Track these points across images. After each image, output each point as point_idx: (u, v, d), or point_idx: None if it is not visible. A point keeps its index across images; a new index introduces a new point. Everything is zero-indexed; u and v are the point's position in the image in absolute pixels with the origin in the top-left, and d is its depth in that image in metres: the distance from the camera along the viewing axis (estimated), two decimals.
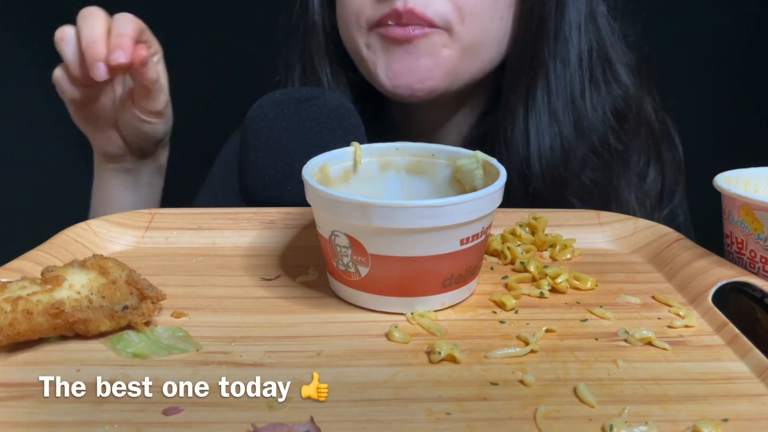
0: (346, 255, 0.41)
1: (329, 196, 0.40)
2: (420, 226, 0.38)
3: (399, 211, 0.38)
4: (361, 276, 0.41)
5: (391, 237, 0.39)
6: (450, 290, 0.42)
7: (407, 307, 0.41)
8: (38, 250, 0.46)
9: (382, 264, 0.40)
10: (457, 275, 0.41)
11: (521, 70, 0.63)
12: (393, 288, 0.41)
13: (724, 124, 1.19)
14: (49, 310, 0.36)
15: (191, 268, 0.48)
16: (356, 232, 0.40)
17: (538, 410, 0.32)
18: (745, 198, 0.44)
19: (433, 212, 0.38)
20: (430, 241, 0.39)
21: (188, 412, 0.32)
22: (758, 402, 0.33)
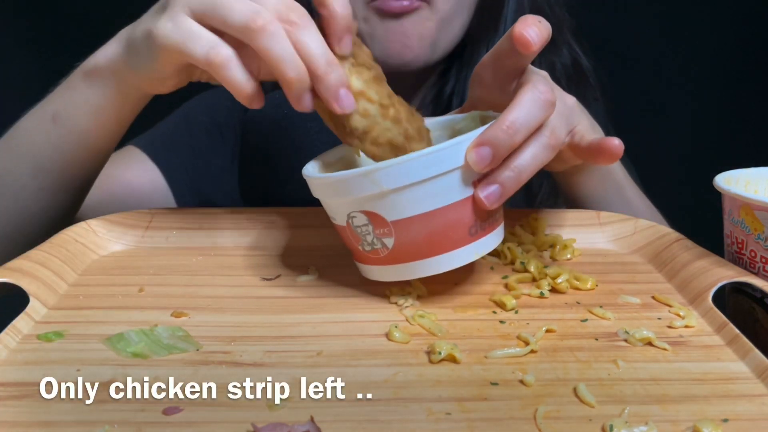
0: (369, 233, 0.41)
1: (334, 178, 0.40)
2: (429, 176, 0.38)
3: (405, 165, 0.38)
4: (389, 248, 0.41)
5: (405, 196, 0.39)
6: (479, 238, 0.41)
7: (443, 265, 0.41)
8: (38, 249, 0.46)
9: (405, 228, 0.40)
10: (481, 221, 0.41)
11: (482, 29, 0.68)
12: (423, 249, 0.40)
13: (724, 124, 1.19)
14: None
15: (191, 268, 0.48)
16: (371, 205, 0.39)
17: (538, 410, 0.32)
18: (746, 198, 0.44)
19: (437, 157, 0.38)
20: (443, 189, 0.39)
21: (188, 412, 0.32)
22: (758, 402, 0.33)
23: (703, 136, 1.18)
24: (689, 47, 1.14)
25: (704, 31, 1.14)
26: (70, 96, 0.50)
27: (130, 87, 0.47)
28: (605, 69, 0.75)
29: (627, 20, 1.14)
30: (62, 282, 0.45)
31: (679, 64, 1.16)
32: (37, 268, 0.43)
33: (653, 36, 1.14)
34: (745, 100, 1.17)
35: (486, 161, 0.39)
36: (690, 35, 1.14)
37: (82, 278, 0.46)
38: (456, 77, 0.70)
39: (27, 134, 0.52)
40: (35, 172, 0.52)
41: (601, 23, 0.99)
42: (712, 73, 1.16)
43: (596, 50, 0.75)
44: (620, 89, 0.78)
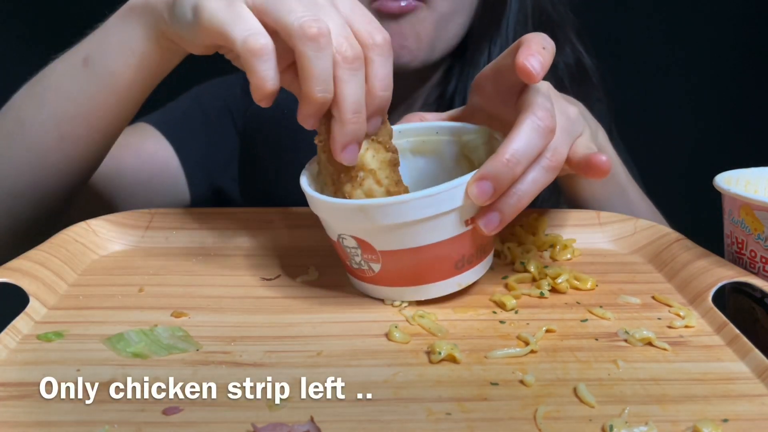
0: (357, 255, 0.41)
1: (329, 204, 0.40)
2: (422, 216, 0.38)
3: (399, 206, 0.38)
4: (375, 272, 0.41)
5: (396, 232, 0.39)
6: (464, 271, 0.42)
7: (425, 293, 0.42)
8: (38, 249, 0.46)
9: (392, 258, 0.40)
10: (468, 255, 0.41)
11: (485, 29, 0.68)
12: (408, 278, 0.41)
13: (724, 124, 1.19)
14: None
15: (191, 268, 0.48)
16: (361, 233, 0.40)
17: (538, 410, 0.32)
18: (746, 198, 0.44)
19: (432, 201, 0.38)
20: (435, 227, 0.39)
21: (188, 412, 0.32)
22: (758, 402, 0.33)
23: (703, 136, 1.18)
24: (690, 47, 1.14)
25: (705, 31, 1.14)
26: (104, 37, 0.48)
27: (168, 37, 0.46)
28: (608, 68, 0.75)
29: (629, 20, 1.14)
30: (62, 282, 0.45)
31: (679, 64, 1.16)
32: (37, 268, 0.43)
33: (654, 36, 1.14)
34: (745, 100, 1.17)
35: (487, 195, 0.39)
36: (691, 35, 1.14)
37: (82, 278, 0.46)
38: (458, 77, 0.70)
39: (54, 79, 0.50)
40: (58, 119, 0.50)
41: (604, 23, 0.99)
42: (713, 73, 1.16)
43: (599, 50, 0.75)
44: (621, 89, 0.78)
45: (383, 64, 0.40)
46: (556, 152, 0.41)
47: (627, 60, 1.11)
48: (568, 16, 0.73)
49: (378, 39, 0.39)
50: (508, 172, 0.39)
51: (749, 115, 1.17)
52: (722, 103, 1.18)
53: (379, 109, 0.41)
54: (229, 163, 0.73)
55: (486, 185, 0.39)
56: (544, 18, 0.70)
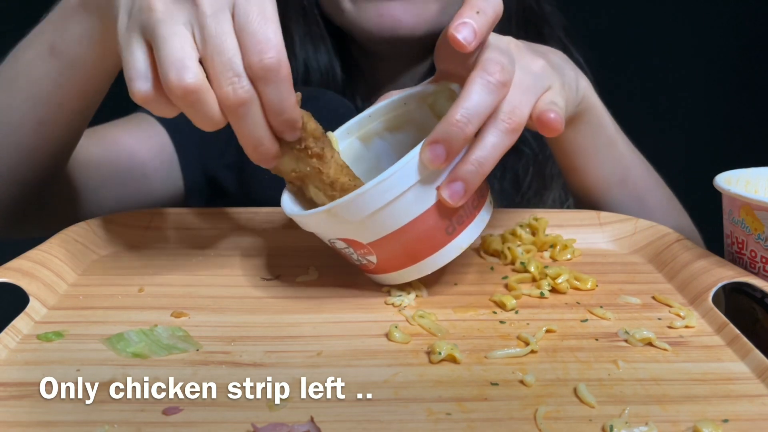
0: (352, 253, 0.42)
1: (301, 216, 0.41)
2: (388, 200, 0.38)
3: (361, 198, 0.38)
4: (375, 263, 0.42)
5: (372, 221, 0.39)
6: (458, 233, 0.41)
7: (429, 266, 0.42)
8: (38, 249, 0.46)
9: (382, 246, 0.40)
10: (456, 217, 0.41)
11: None
12: (406, 259, 0.41)
13: (724, 124, 1.19)
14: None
15: (191, 268, 0.48)
16: (344, 233, 0.40)
17: (538, 410, 0.32)
18: (746, 198, 0.44)
19: (390, 183, 0.38)
20: (407, 205, 0.39)
21: (188, 412, 0.32)
22: (758, 402, 0.33)
23: (703, 136, 1.18)
24: (690, 47, 1.14)
25: (705, 31, 1.14)
26: (66, 26, 0.47)
27: None
28: (607, 68, 0.75)
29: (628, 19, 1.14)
30: (62, 282, 0.45)
31: (679, 64, 1.16)
32: (37, 268, 0.43)
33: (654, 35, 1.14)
34: (745, 100, 1.17)
35: (441, 158, 0.38)
36: (690, 34, 1.14)
37: (82, 278, 0.46)
38: None
39: (26, 67, 0.50)
40: (35, 105, 0.50)
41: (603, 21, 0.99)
42: (713, 72, 1.17)
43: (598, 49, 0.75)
44: (620, 89, 0.78)
45: (275, 91, 0.37)
46: (514, 113, 0.40)
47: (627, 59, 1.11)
48: (553, 12, 0.73)
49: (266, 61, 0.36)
50: (459, 133, 0.38)
51: (749, 115, 1.18)
52: (722, 103, 1.18)
53: (286, 127, 0.39)
54: (224, 150, 0.73)
55: (438, 149, 0.38)
56: (528, 15, 0.71)
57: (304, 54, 0.71)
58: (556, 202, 0.71)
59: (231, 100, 0.37)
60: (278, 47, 0.36)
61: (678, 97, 1.17)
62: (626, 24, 1.12)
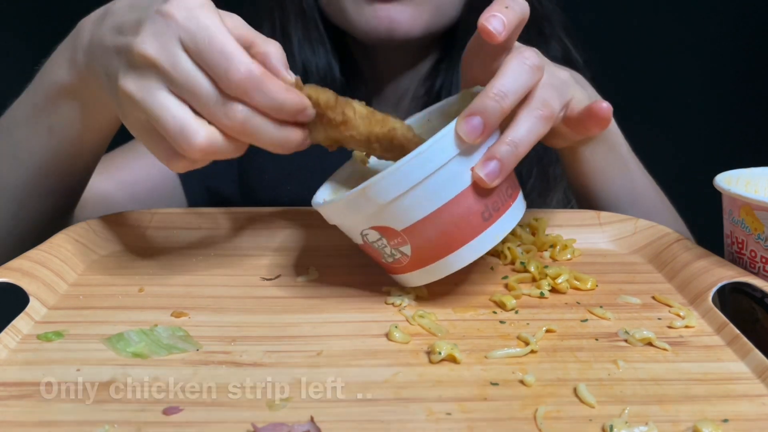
0: (385, 246, 0.40)
1: (334, 205, 0.40)
2: (422, 177, 0.37)
3: (394, 175, 0.37)
4: (409, 255, 0.40)
5: (405, 203, 0.38)
6: (494, 220, 0.40)
7: (467, 256, 0.40)
8: (38, 249, 0.46)
9: (417, 233, 0.39)
10: (492, 203, 0.40)
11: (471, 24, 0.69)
12: (442, 247, 0.40)
13: (724, 124, 1.19)
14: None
15: (191, 268, 0.48)
16: (377, 220, 0.39)
17: (538, 410, 0.32)
18: (746, 198, 0.44)
19: (425, 158, 0.37)
20: (441, 185, 0.38)
21: (188, 412, 0.32)
22: (758, 402, 0.33)
23: (703, 136, 1.18)
24: (689, 46, 1.14)
25: (704, 30, 1.14)
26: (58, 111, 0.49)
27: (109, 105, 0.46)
28: (607, 68, 0.75)
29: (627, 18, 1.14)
30: (62, 282, 0.45)
31: (679, 64, 1.16)
32: (37, 268, 0.43)
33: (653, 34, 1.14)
34: (745, 100, 1.17)
35: (478, 131, 0.38)
36: (690, 34, 1.14)
37: (82, 278, 0.46)
38: (445, 73, 0.71)
39: (26, 141, 0.52)
40: (36, 176, 0.52)
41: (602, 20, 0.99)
42: (713, 72, 1.16)
43: (596, 48, 0.75)
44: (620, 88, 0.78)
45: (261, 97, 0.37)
46: (547, 102, 0.41)
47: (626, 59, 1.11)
48: (554, 10, 0.73)
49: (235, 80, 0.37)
50: (495, 105, 0.38)
51: (749, 115, 1.17)
52: (722, 103, 1.18)
53: (295, 115, 0.39)
54: (227, 169, 0.74)
55: (475, 120, 0.38)
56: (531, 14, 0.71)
57: (303, 56, 0.71)
58: (560, 203, 0.71)
59: (233, 128, 0.38)
60: (238, 58, 0.37)
61: (678, 97, 1.17)
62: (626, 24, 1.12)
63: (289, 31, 0.71)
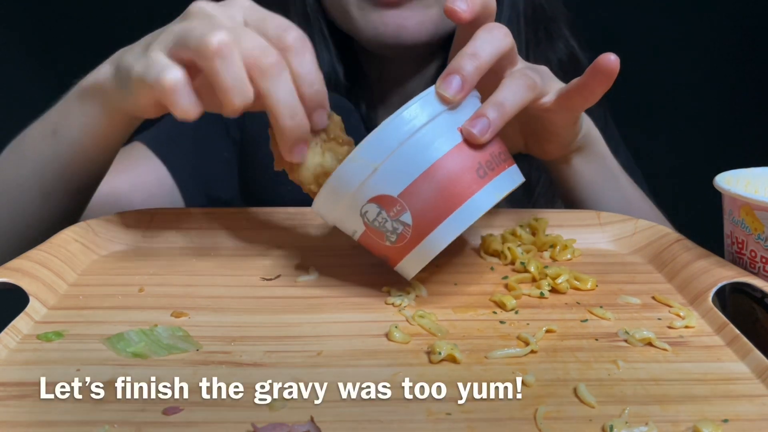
0: (386, 220, 0.40)
1: (328, 184, 0.40)
2: (411, 132, 0.38)
3: (382, 131, 0.38)
4: (410, 224, 0.40)
5: (398, 161, 0.39)
6: (490, 178, 0.40)
7: (468, 216, 0.40)
8: (38, 249, 0.46)
9: (414, 195, 0.39)
10: (485, 161, 0.40)
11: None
12: (442, 207, 0.39)
13: (724, 124, 1.19)
14: None
15: (191, 268, 0.48)
16: (373, 189, 0.39)
17: (538, 410, 0.32)
18: (746, 198, 0.44)
19: (411, 112, 0.38)
20: (431, 139, 0.39)
21: (188, 412, 0.32)
22: (758, 402, 0.33)
23: (703, 136, 1.18)
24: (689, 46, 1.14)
25: (705, 30, 1.14)
26: (67, 112, 0.51)
27: (119, 111, 0.48)
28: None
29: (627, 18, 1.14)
30: (62, 282, 0.45)
31: (679, 63, 1.16)
32: (37, 268, 0.43)
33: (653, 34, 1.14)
34: (745, 100, 1.17)
35: (456, 87, 0.39)
36: (690, 33, 1.14)
37: (82, 278, 0.46)
38: None
39: (32, 144, 0.53)
40: (41, 179, 0.53)
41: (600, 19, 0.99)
42: (713, 72, 1.16)
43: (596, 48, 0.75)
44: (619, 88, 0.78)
45: (302, 63, 0.40)
46: (528, 74, 0.43)
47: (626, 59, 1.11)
48: (561, 10, 0.73)
49: (288, 40, 0.39)
50: (470, 62, 0.40)
51: (749, 115, 1.17)
52: (722, 103, 1.18)
53: (317, 103, 0.41)
54: (226, 173, 0.74)
55: (453, 78, 0.39)
56: (537, 13, 0.71)
57: None
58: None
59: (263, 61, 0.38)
60: (297, 29, 0.40)
61: (678, 97, 1.17)
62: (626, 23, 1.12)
63: None
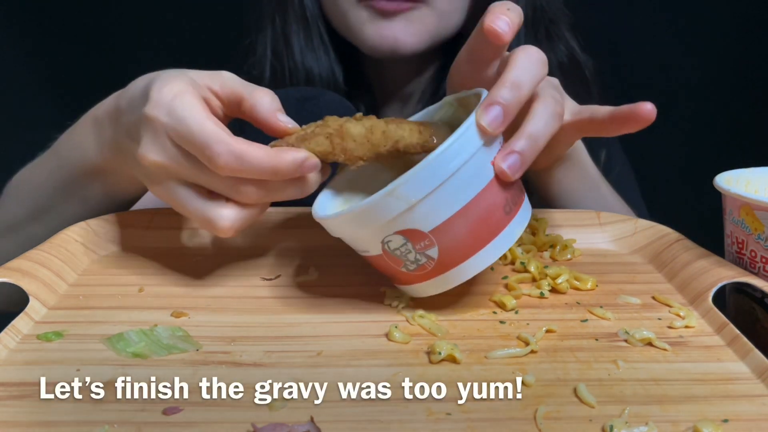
0: (409, 251, 0.39)
1: (357, 211, 0.38)
2: (452, 171, 0.37)
3: (425, 170, 0.36)
4: (435, 258, 0.39)
5: (436, 201, 0.37)
6: (514, 214, 0.40)
7: (493, 254, 0.39)
8: (38, 249, 0.46)
9: (445, 233, 0.38)
10: (512, 196, 0.40)
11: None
12: (469, 246, 0.39)
13: (724, 124, 1.19)
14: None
15: (191, 268, 0.48)
16: (403, 223, 0.38)
17: (538, 410, 0.32)
18: (746, 198, 0.44)
19: (453, 150, 0.37)
20: (469, 178, 0.37)
21: (188, 412, 0.32)
22: (758, 402, 0.33)
23: (703, 136, 1.17)
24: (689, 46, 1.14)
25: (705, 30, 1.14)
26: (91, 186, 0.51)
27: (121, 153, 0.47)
28: (605, 67, 0.75)
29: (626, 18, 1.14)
30: (62, 282, 0.45)
31: (679, 64, 1.16)
32: (37, 268, 0.43)
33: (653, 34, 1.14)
34: (745, 100, 1.17)
35: (499, 120, 0.38)
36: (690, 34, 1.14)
37: (82, 278, 0.46)
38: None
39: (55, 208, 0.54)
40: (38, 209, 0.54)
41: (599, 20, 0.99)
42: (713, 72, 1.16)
43: (596, 47, 0.75)
44: (619, 88, 0.78)
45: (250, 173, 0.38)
46: (558, 101, 0.42)
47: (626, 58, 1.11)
48: (562, 11, 0.73)
49: (221, 164, 0.37)
50: (513, 93, 0.38)
51: (749, 115, 1.17)
52: (722, 103, 1.18)
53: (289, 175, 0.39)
54: None
55: (495, 109, 0.38)
56: (538, 15, 0.71)
57: (306, 63, 0.71)
58: None
59: (251, 200, 0.40)
60: (216, 143, 0.37)
61: (678, 97, 1.17)
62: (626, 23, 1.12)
63: (290, 37, 0.71)
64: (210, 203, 0.40)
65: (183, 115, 0.38)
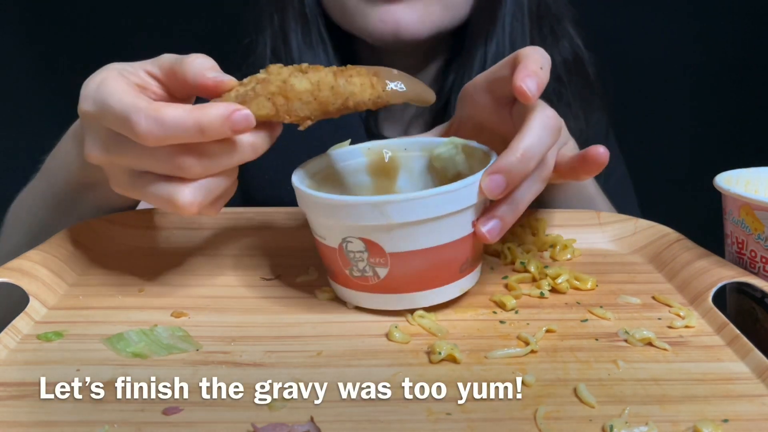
0: (362, 260, 0.39)
1: (338, 201, 0.38)
2: (441, 214, 0.38)
3: (420, 201, 0.37)
4: (380, 278, 0.40)
5: (411, 231, 0.38)
6: (466, 274, 0.42)
7: (429, 299, 0.41)
8: (38, 249, 0.46)
9: (402, 261, 0.39)
10: (471, 258, 0.41)
11: (482, 23, 0.68)
12: (414, 283, 0.40)
13: (724, 124, 1.19)
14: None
15: (191, 268, 0.48)
16: (373, 235, 0.38)
17: (538, 410, 0.32)
18: (746, 198, 0.44)
19: (454, 197, 0.38)
20: (448, 226, 0.39)
21: (188, 412, 0.32)
22: (758, 402, 0.33)
23: (703, 136, 1.18)
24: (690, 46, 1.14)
25: (705, 30, 1.14)
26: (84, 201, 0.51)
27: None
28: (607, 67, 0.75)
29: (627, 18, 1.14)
30: (62, 282, 0.45)
31: (679, 64, 1.16)
32: (37, 268, 0.43)
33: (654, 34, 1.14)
34: (745, 100, 1.17)
35: (500, 189, 0.39)
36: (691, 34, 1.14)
37: (82, 278, 0.46)
38: (455, 74, 0.70)
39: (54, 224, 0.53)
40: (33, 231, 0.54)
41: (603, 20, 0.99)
42: (713, 72, 1.16)
43: (597, 47, 0.75)
44: (620, 88, 0.78)
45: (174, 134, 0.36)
46: (549, 165, 0.42)
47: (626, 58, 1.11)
48: (566, 8, 0.73)
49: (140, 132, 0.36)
50: (521, 167, 0.39)
51: (749, 115, 1.17)
52: (722, 103, 1.18)
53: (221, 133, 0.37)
54: None
55: (499, 179, 0.38)
56: (542, 11, 0.71)
57: (304, 60, 0.71)
58: None
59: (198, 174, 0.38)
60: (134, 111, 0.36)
61: (678, 97, 1.17)
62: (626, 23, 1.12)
63: (289, 35, 0.71)
64: (167, 183, 0.38)
65: (104, 97, 0.37)
